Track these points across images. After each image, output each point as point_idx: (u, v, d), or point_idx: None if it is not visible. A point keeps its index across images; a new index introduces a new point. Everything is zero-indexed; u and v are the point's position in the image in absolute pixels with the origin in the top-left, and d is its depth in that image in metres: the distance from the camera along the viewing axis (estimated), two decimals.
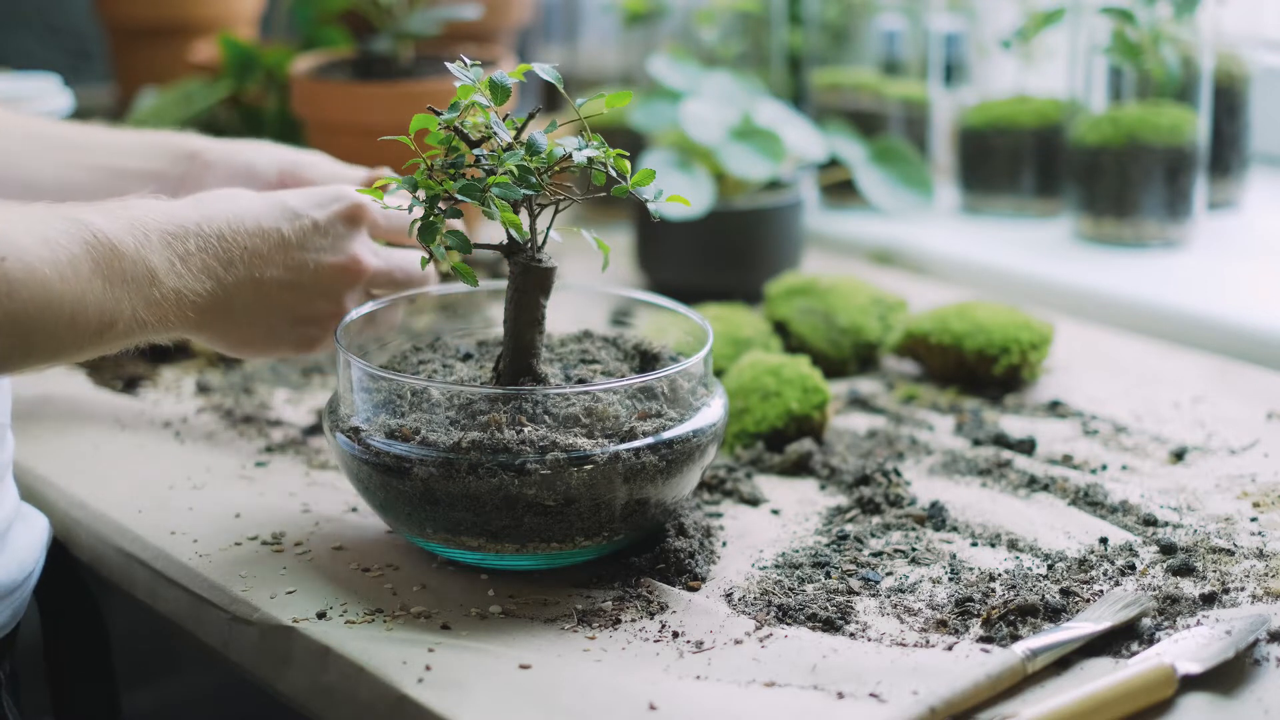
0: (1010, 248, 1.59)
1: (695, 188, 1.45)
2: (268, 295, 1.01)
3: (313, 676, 0.92)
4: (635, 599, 0.96)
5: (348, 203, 1.04)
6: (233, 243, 0.98)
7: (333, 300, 1.04)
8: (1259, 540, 1.03)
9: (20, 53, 2.17)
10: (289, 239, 1.01)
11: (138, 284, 0.93)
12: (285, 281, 1.01)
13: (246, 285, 0.99)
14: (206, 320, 0.99)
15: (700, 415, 0.98)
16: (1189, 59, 1.54)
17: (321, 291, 1.03)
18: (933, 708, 0.83)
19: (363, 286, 1.06)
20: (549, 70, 0.96)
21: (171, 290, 0.95)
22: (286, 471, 1.14)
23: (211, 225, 0.98)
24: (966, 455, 1.17)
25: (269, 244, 1.00)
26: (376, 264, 1.05)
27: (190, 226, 0.97)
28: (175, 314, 0.96)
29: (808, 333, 1.34)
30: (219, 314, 0.99)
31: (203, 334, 1.00)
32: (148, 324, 0.94)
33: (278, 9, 2.02)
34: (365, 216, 1.04)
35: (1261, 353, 1.35)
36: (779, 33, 1.77)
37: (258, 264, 1.00)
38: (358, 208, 1.04)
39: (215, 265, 0.97)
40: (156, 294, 0.94)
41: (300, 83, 1.56)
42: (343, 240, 1.03)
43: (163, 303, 0.94)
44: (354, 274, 1.04)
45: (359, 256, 1.04)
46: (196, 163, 1.15)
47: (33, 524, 1.06)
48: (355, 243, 1.04)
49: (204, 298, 0.97)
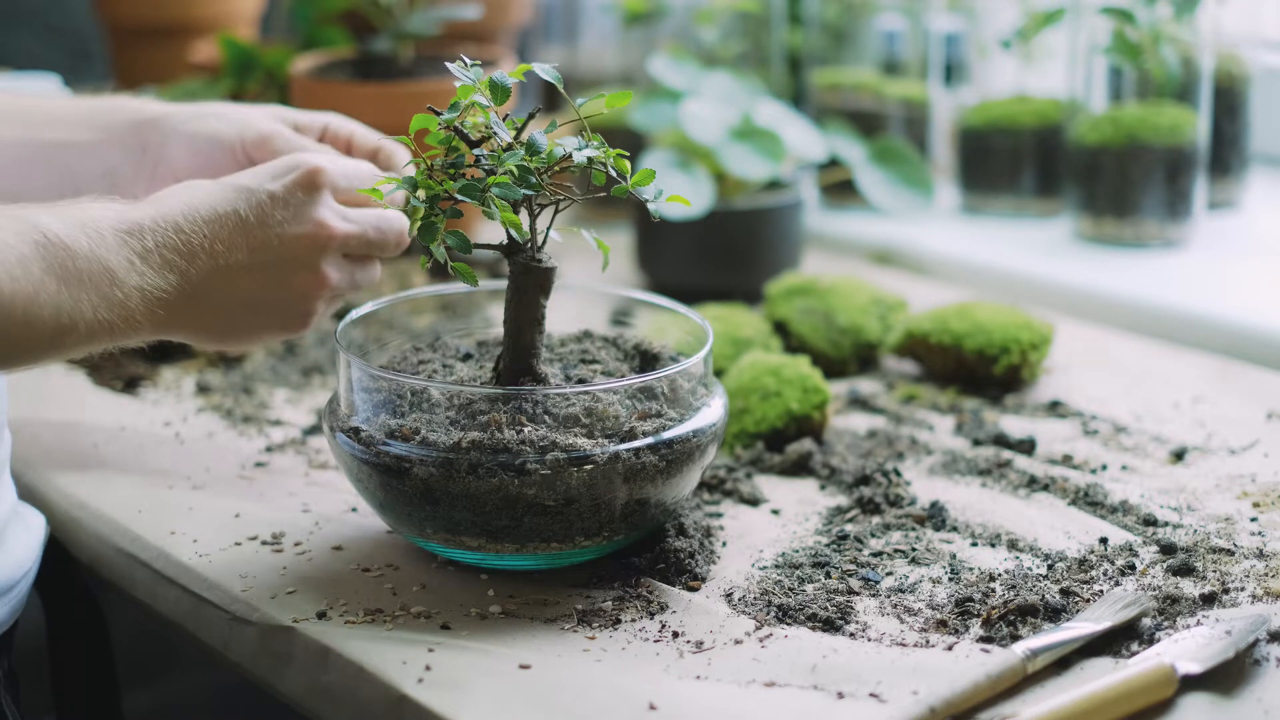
0: (1010, 248, 1.59)
1: (695, 188, 1.45)
2: (238, 281, 0.97)
3: (313, 676, 0.92)
4: (635, 599, 0.96)
5: (304, 169, 0.99)
6: (191, 234, 0.95)
7: (309, 270, 1.00)
8: (1259, 540, 1.03)
9: (20, 53, 2.17)
10: (247, 218, 0.97)
11: (95, 284, 0.90)
12: (253, 264, 0.97)
13: (213, 275, 0.96)
14: (179, 317, 0.96)
15: (700, 415, 0.98)
16: (1189, 59, 1.54)
17: (294, 265, 0.99)
18: (933, 708, 0.83)
19: (336, 251, 1.01)
20: (549, 70, 0.96)
21: (134, 289, 0.92)
22: (286, 471, 1.14)
23: (167, 219, 0.94)
24: (966, 455, 1.17)
25: (228, 228, 0.96)
26: (346, 227, 1.00)
27: (145, 223, 0.94)
28: (143, 314, 0.93)
29: (808, 333, 1.34)
30: (191, 309, 0.96)
31: (180, 332, 0.98)
32: (114, 325, 0.92)
33: (278, 9, 2.02)
34: (324, 180, 0.99)
35: (1261, 353, 1.35)
36: (779, 33, 1.77)
37: (220, 251, 0.96)
38: (314, 172, 0.99)
39: (176, 259, 0.94)
40: (118, 294, 0.91)
41: (300, 83, 1.56)
42: (304, 208, 0.98)
43: (126, 302, 0.92)
44: (323, 240, 0.99)
45: (324, 221, 0.99)
46: (156, 131, 1.11)
47: (30, 523, 1.06)
48: (318, 208, 0.99)
49: (170, 293, 0.94)
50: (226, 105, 1.14)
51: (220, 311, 0.98)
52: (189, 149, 1.10)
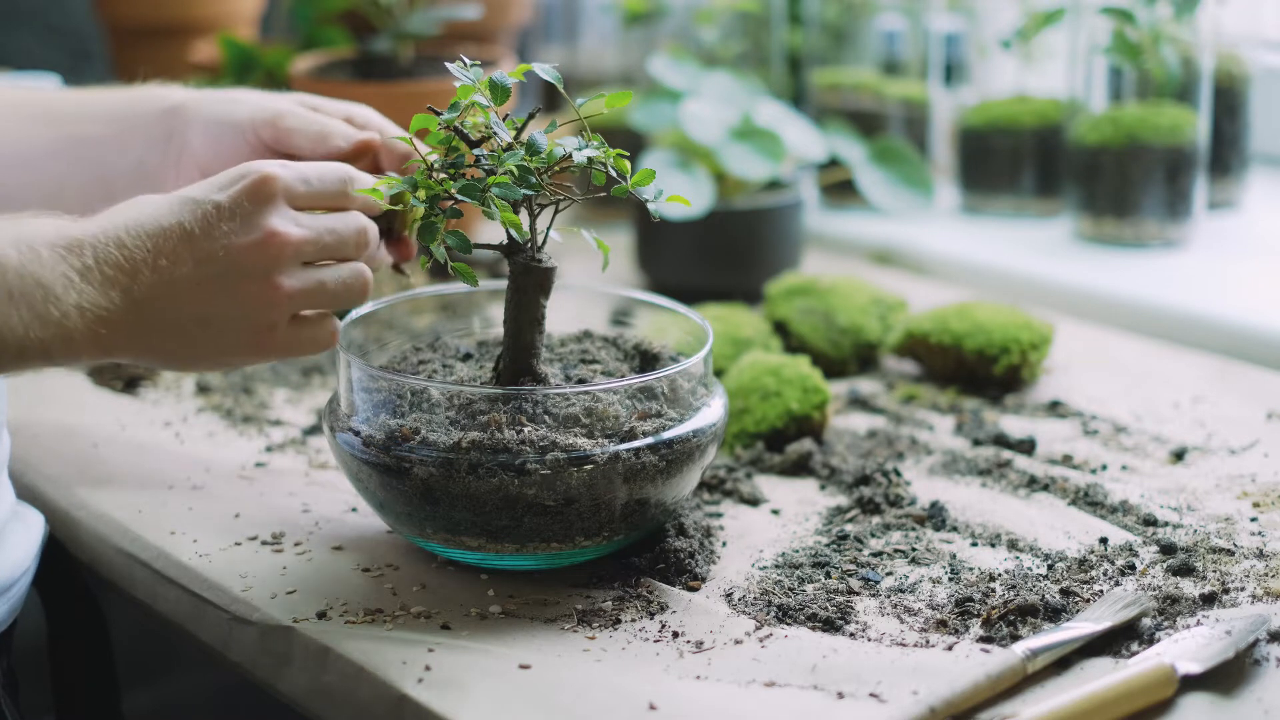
0: (1010, 248, 1.59)
1: (695, 188, 1.45)
2: (183, 295, 0.91)
3: (313, 676, 0.92)
4: (635, 599, 0.96)
5: (252, 177, 0.93)
6: (134, 249, 0.90)
7: (259, 280, 0.93)
8: (1259, 540, 1.03)
9: (20, 53, 2.17)
10: (192, 230, 0.91)
11: (26, 300, 0.86)
12: (199, 276, 0.91)
13: (159, 291, 0.91)
14: (125, 337, 0.91)
15: (700, 415, 0.98)
16: (1189, 59, 1.54)
17: (242, 275, 0.92)
18: (933, 708, 0.83)
19: (291, 260, 0.94)
20: (549, 70, 0.96)
21: (73, 307, 0.88)
22: (286, 471, 1.14)
23: (108, 234, 0.90)
24: (966, 455, 1.17)
25: (171, 240, 0.91)
26: (300, 233, 0.94)
27: (86, 239, 0.90)
28: (83, 333, 0.89)
29: (808, 333, 1.34)
30: (138, 329, 0.91)
31: (130, 353, 0.93)
32: (49, 345, 0.88)
33: (278, 9, 2.02)
34: (274, 187, 0.93)
35: (1261, 353, 1.35)
36: (779, 33, 1.77)
37: (164, 265, 0.91)
38: (263, 179, 0.93)
39: (119, 276, 0.90)
40: (54, 311, 0.87)
41: (300, 83, 1.56)
42: (253, 217, 0.92)
43: (64, 321, 0.88)
44: (274, 248, 0.93)
45: (275, 229, 0.93)
46: (179, 118, 1.09)
47: (29, 523, 1.06)
48: (269, 217, 0.93)
49: (114, 311, 0.89)
50: (249, 90, 1.11)
51: (171, 331, 0.93)
52: (205, 135, 1.08)
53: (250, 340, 0.95)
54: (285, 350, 0.96)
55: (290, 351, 0.96)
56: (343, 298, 0.96)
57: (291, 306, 0.94)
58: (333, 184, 0.96)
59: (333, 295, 0.96)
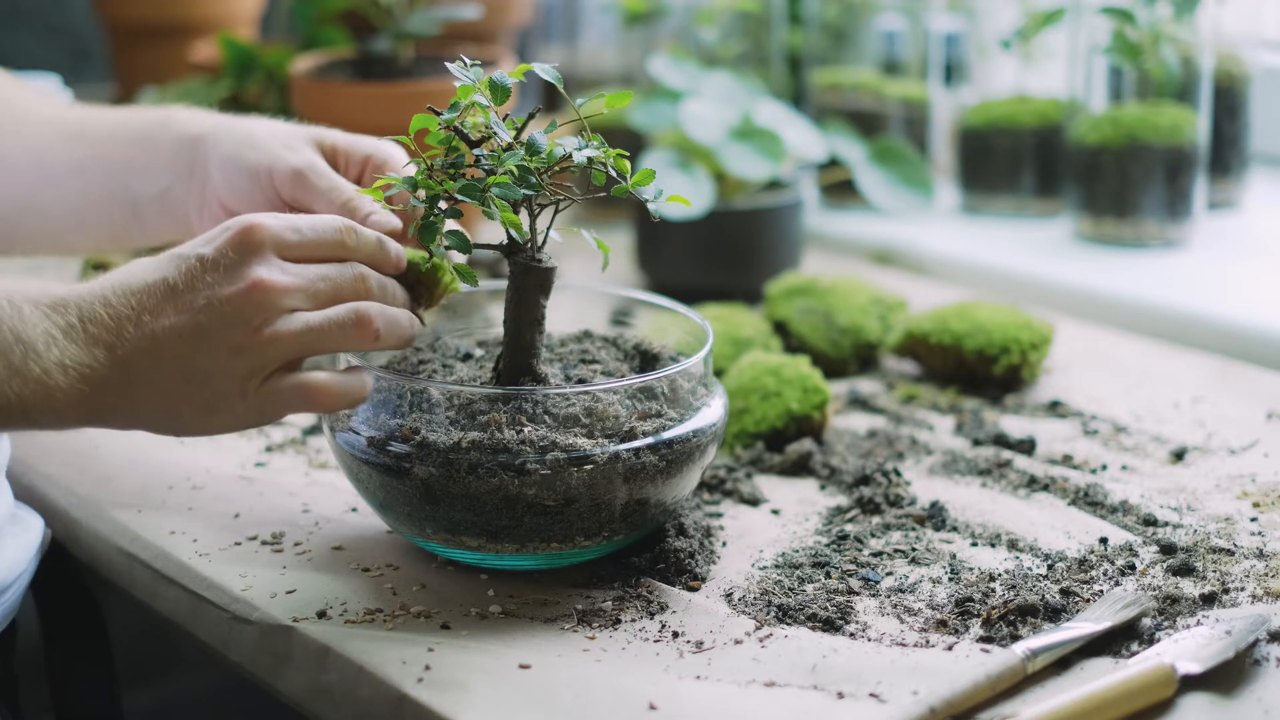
0: (1010, 248, 1.59)
1: (695, 188, 1.45)
2: (165, 350, 0.89)
3: (312, 676, 0.92)
4: (635, 599, 0.96)
5: (237, 228, 0.90)
6: (119, 306, 0.89)
7: (244, 329, 0.89)
8: (1259, 540, 1.03)
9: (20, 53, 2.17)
10: (175, 284, 0.89)
11: (3, 355, 0.86)
12: (179, 329, 0.89)
13: (140, 345, 0.88)
14: (111, 397, 0.89)
15: (700, 415, 0.98)
16: (1189, 59, 1.54)
17: (226, 324, 0.89)
18: (933, 708, 0.83)
19: (277, 308, 0.90)
20: (549, 70, 0.96)
21: (54, 364, 0.87)
22: (286, 471, 1.14)
23: (95, 294, 0.89)
24: (966, 455, 1.17)
25: (155, 296, 0.89)
26: (287, 280, 0.90)
27: (71, 298, 0.88)
28: (65, 391, 0.87)
29: (808, 333, 1.34)
30: (122, 387, 0.89)
31: (114, 414, 0.90)
32: (29, 403, 0.86)
33: (278, 9, 2.02)
34: (259, 236, 0.90)
35: (1261, 353, 1.35)
36: (779, 33, 1.77)
37: (147, 320, 0.89)
38: (248, 230, 0.90)
39: (104, 334, 0.88)
40: (34, 367, 0.86)
41: (300, 83, 1.56)
42: (237, 267, 0.89)
43: (45, 378, 0.86)
44: (259, 296, 0.89)
45: (260, 278, 0.89)
46: (199, 152, 1.08)
47: (28, 525, 1.06)
48: (255, 267, 0.90)
49: (97, 370, 0.88)
50: (265, 129, 1.08)
51: (157, 389, 0.90)
52: (224, 173, 1.06)
53: (239, 392, 0.90)
54: (280, 403, 0.92)
55: (287, 405, 0.92)
56: (337, 338, 0.91)
57: (278, 353, 0.90)
58: (327, 234, 0.93)
59: (322, 335, 0.91)
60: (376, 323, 0.92)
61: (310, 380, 0.92)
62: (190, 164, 1.08)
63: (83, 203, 1.11)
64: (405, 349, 0.96)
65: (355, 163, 1.07)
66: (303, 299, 0.91)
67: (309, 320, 0.91)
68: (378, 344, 0.93)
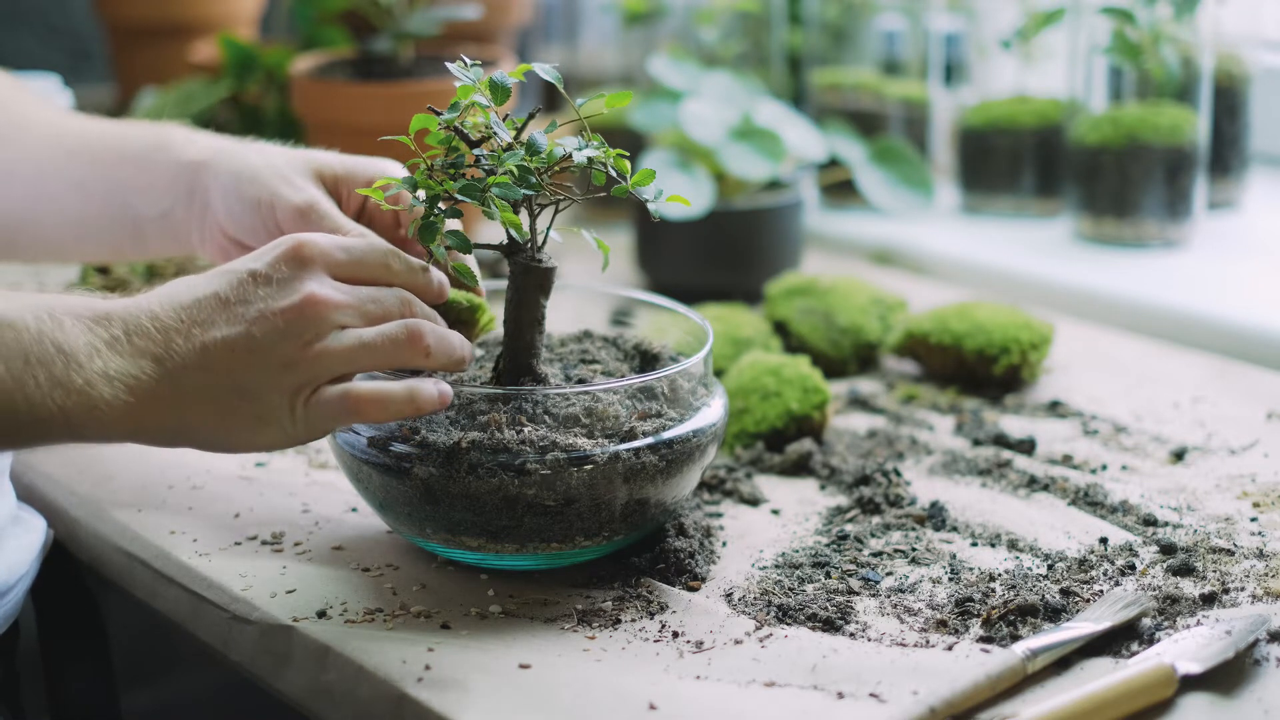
0: (1010, 248, 1.59)
1: (695, 188, 1.45)
2: (217, 362, 0.88)
3: (312, 676, 0.92)
4: (635, 599, 0.96)
5: (290, 243, 0.91)
6: (167, 320, 0.88)
7: (296, 342, 0.89)
8: (1259, 540, 1.03)
9: (20, 53, 2.17)
10: (226, 298, 0.89)
11: (45, 366, 0.84)
12: (232, 339, 0.88)
13: (191, 358, 0.88)
14: (157, 409, 0.87)
15: (700, 415, 0.98)
16: (1189, 59, 1.54)
17: (279, 337, 0.89)
18: (933, 708, 0.83)
19: (330, 323, 0.90)
20: (549, 70, 0.96)
21: (98, 374, 0.85)
22: (286, 471, 1.14)
23: (141, 308, 0.88)
24: (966, 455, 1.17)
25: (206, 309, 0.89)
26: (340, 297, 0.90)
27: (115, 311, 0.87)
28: (109, 403, 0.86)
29: (808, 333, 1.34)
30: (170, 400, 0.88)
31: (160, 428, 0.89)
32: (71, 414, 0.85)
33: (278, 9, 2.02)
34: (313, 251, 0.91)
35: (1261, 353, 1.35)
36: (779, 33, 1.77)
37: (197, 333, 0.88)
38: (300, 246, 0.91)
39: (151, 346, 0.87)
40: (76, 378, 0.85)
41: (300, 83, 1.56)
42: (290, 282, 0.90)
43: (88, 389, 0.85)
44: (312, 310, 0.89)
45: (315, 293, 0.89)
46: (198, 179, 1.07)
47: (30, 527, 1.06)
48: (308, 282, 0.90)
49: (144, 381, 0.87)
50: (262, 160, 1.06)
51: (206, 402, 0.88)
52: (225, 206, 1.06)
53: (288, 406, 0.90)
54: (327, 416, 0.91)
55: (335, 418, 0.91)
56: (389, 354, 0.91)
57: (328, 368, 0.90)
58: (374, 256, 0.93)
59: (374, 350, 0.90)
60: (428, 338, 0.92)
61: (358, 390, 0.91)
62: (190, 190, 1.08)
63: (83, 219, 1.11)
64: (458, 372, 0.96)
65: (358, 179, 1.06)
66: (353, 316, 0.91)
67: (361, 336, 0.90)
68: (429, 361, 0.92)
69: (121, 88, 1.97)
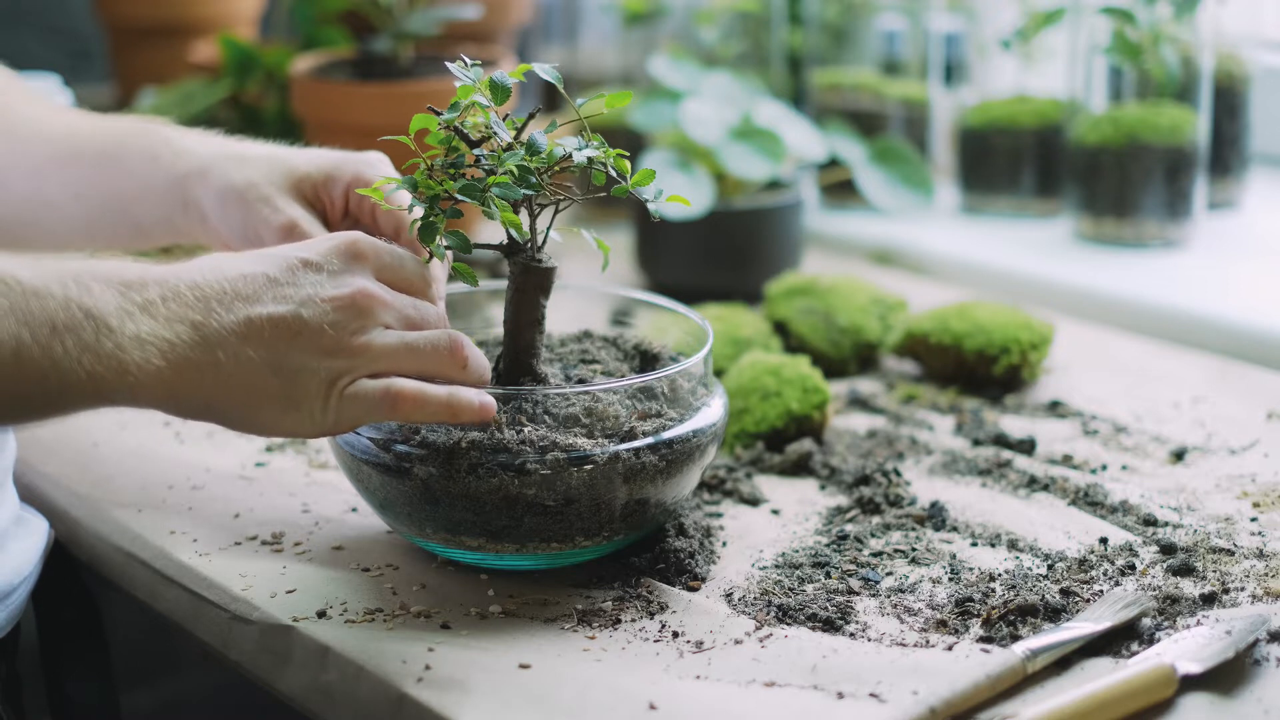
0: (1010, 248, 1.59)
1: (695, 188, 1.45)
2: (259, 336, 0.87)
3: (312, 676, 0.92)
4: (635, 599, 0.96)
5: (346, 239, 0.92)
6: (209, 289, 0.87)
7: (341, 331, 0.89)
8: (1259, 540, 1.03)
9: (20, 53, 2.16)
10: (276, 278, 0.89)
11: (73, 332, 0.82)
12: (279, 317, 0.87)
13: (236, 328, 0.86)
14: (189, 376, 0.85)
15: (700, 415, 0.98)
16: (1189, 59, 1.54)
17: (325, 322, 0.88)
18: (933, 708, 0.83)
19: (377, 319, 0.90)
20: (549, 70, 0.96)
21: (131, 339, 0.84)
22: (286, 471, 1.14)
23: (179, 275, 0.87)
24: (966, 455, 1.17)
25: (253, 284, 0.88)
26: (390, 296, 0.91)
27: (150, 278, 0.86)
28: (140, 366, 0.84)
29: (808, 333, 1.34)
30: (204, 367, 0.86)
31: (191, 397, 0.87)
32: (101, 379, 0.83)
33: (278, 9, 2.02)
34: (366, 251, 0.92)
35: (1261, 353, 1.35)
36: (779, 33, 1.77)
37: (240, 305, 0.87)
38: (356, 242, 0.91)
39: (189, 313, 0.86)
40: (108, 343, 0.83)
41: (300, 83, 1.56)
42: (343, 274, 0.90)
43: (119, 353, 0.83)
44: (363, 302, 0.89)
45: (366, 287, 0.90)
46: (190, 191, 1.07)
47: (33, 529, 1.06)
48: (359, 277, 0.91)
49: (178, 346, 0.85)
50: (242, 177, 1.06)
51: (241, 376, 0.87)
52: (220, 219, 1.06)
53: (322, 394, 0.89)
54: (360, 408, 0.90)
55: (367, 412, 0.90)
56: (429, 360, 0.91)
57: (367, 363, 0.89)
58: (414, 268, 0.94)
59: (416, 354, 0.91)
60: (468, 351, 0.92)
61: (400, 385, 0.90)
62: (184, 202, 1.08)
63: (85, 223, 1.11)
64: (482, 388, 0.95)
65: (338, 196, 1.07)
66: (396, 318, 0.91)
67: (405, 337, 0.91)
68: (464, 374, 0.92)
69: (121, 88, 1.97)
